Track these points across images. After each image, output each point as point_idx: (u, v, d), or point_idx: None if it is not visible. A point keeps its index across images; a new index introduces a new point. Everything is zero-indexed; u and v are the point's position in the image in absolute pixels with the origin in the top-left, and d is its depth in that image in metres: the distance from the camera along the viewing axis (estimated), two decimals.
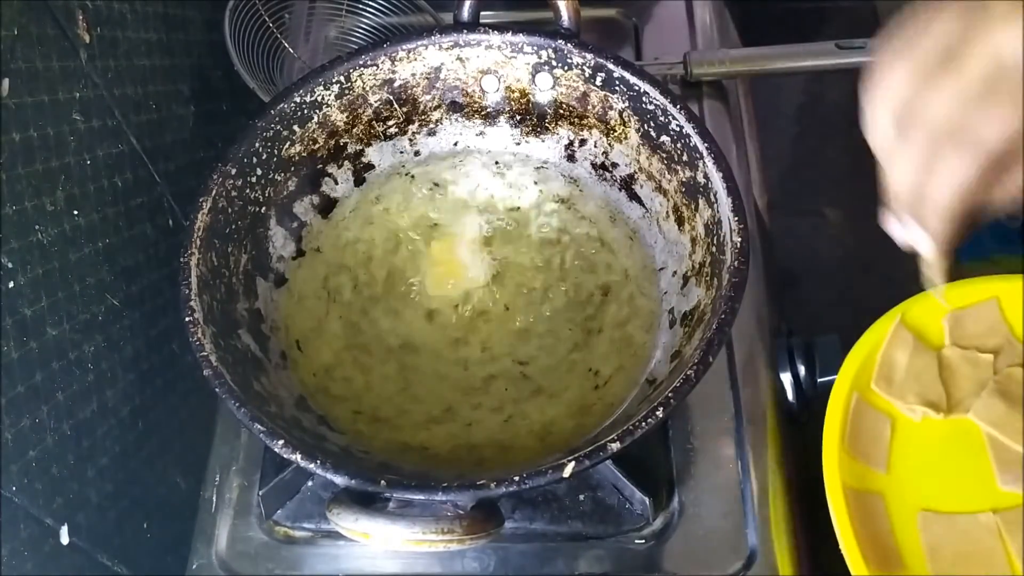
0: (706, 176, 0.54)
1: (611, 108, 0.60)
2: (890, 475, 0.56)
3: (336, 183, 0.64)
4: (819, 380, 0.60)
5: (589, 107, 0.61)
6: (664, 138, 0.57)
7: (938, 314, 0.60)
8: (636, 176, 0.61)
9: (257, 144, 0.57)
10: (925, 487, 0.55)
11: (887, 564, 0.52)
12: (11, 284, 0.47)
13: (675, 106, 0.56)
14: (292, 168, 0.60)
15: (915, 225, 0.41)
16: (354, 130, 0.63)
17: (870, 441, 0.57)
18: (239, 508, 0.58)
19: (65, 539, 0.51)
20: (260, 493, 0.56)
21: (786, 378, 0.61)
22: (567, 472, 0.44)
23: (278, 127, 0.58)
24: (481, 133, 0.65)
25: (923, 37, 0.39)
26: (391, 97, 0.62)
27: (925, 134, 0.38)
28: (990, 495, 0.55)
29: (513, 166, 0.65)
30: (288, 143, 0.59)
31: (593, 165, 0.64)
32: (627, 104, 0.59)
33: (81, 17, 0.54)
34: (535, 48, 0.60)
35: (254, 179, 0.58)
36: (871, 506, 0.54)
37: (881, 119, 0.40)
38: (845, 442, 0.56)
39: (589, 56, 0.58)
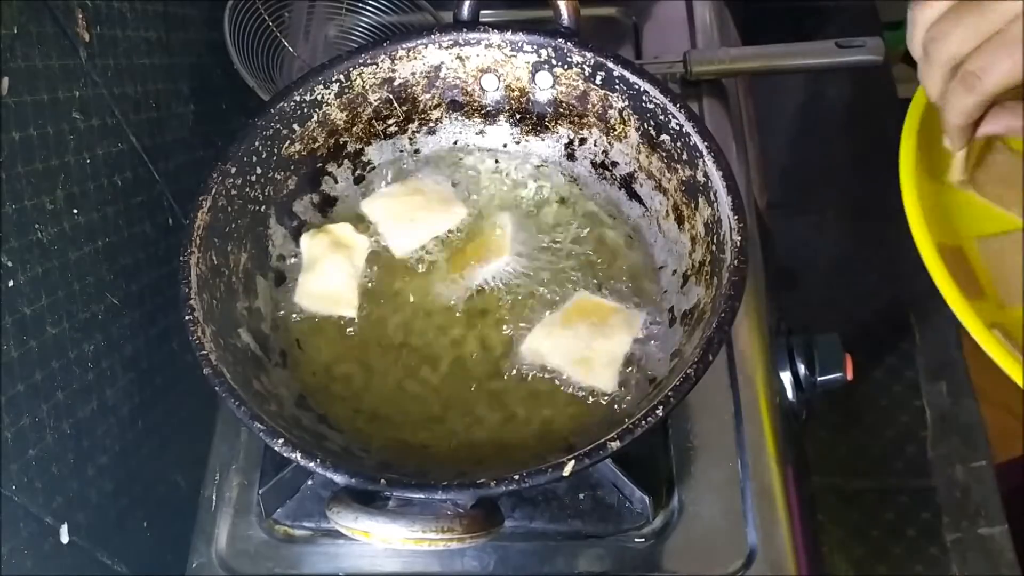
0: (706, 175, 0.54)
1: (611, 107, 0.60)
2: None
3: (336, 182, 0.64)
4: (819, 379, 0.60)
5: (589, 106, 0.61)
6: (664, 137, 0.57)
7: None
8: (636, 175, 0.61)
9: (257, 143, 0.57)
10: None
11: (936, 163, 0.57)
12: (11, 283, 0.47)
13: (675, 105, 0.56)
14: (292, 167, 0.60)
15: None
16: (354, 129, 0.63)
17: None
18: (239, 507, 0.58)
19: (65, 538, 0.51)
20: (260, 492, 0.56)
21: (786, 377, 0.61)
22: (567, 471, 0.44)
23: (278, 126, 0.58)
24: (481, 132, 0.65)
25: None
26: (391, 96, 0.62)
27: (942, 63, 0.46)
28: None
29: (513, 165, 0.65)
30: (288, 142, 0.59)
31: (593, 164, 0.64)
32: (627, 103, 0.59)
33: (81, 16, 0.54)
34: (535, 47, 0.60)
35: (254, 178, 0.58)
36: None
37: (916, 35, 0.48)
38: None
39: (589, 55, 0.58)
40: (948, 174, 0.57)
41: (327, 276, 0.58)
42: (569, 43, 0.59)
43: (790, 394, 0.61)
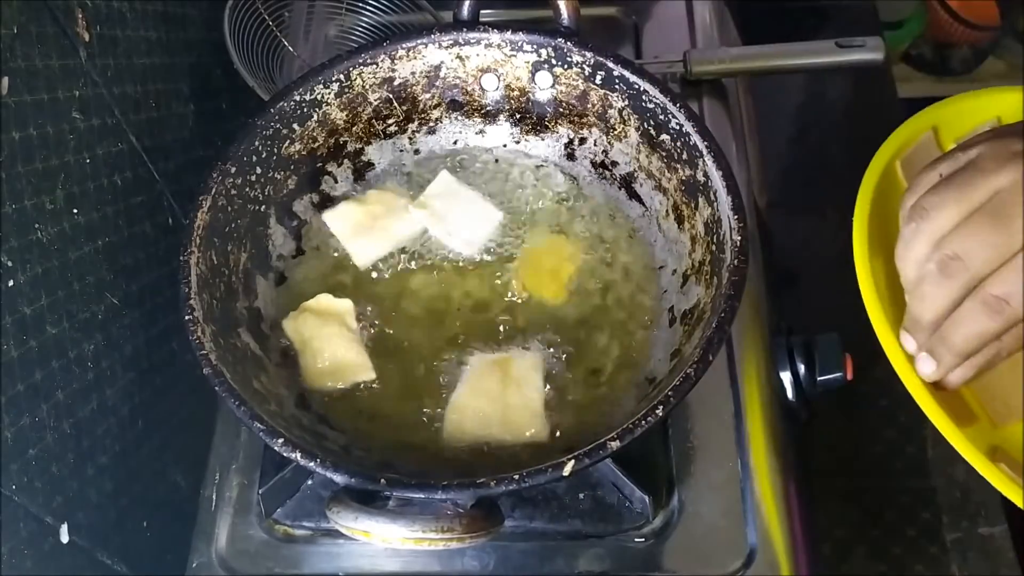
0: (706, 174, 0.54)
1: (611, 107, 0.60)
2: None
3: (336, 181, 0.64)
4: (819, 379, 0.60)
5: (589, 105, 0.61)
6: (664, 136, 0.57)
7: None
8: (636, 174, 0.61)
9: (257, 142, 0.57)
10: None
11: (894, 277, 0.52)
12: (11, 283, 0.47)
13: (675, 104, 0.56)
14: (292, 166, 0.60)
15: (926, 351, 0.44)
16: (354, 128, 0.63)
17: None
18: (239, 506, 0.58)
19: (65, 537, 0.51)
20: (260, 491, 0.56)
21: (786, 377, 0.61)
22: (567, 470, 0.44)
23: (278, 125, 0.58)
24: (481, 132, 0.65)
25: (976, 183, 0.41)
26: (391, 95, 0.62)
27: (964, 282, 0.41)
28: None
29: (513, 164, 0.65)
30: (288, 141, 0.59)
31: (593, 164, 0.64)
32: (627, 102, 0.59)
33: (80, 15, 0.54)
34: (535, 46, 0.60)
35: (253, 177, 0.58)
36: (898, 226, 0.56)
37: (920, 249, 0.43)
38: (900, 161, 0.58)
39: (589, 54, 0.58)
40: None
41: (328, 351, 0.56)
42: (569, 43, 0.59)
43: (790, 394, 0.61)
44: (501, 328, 0.58)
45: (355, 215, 0.61)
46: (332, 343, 0.56)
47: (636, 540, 0.54)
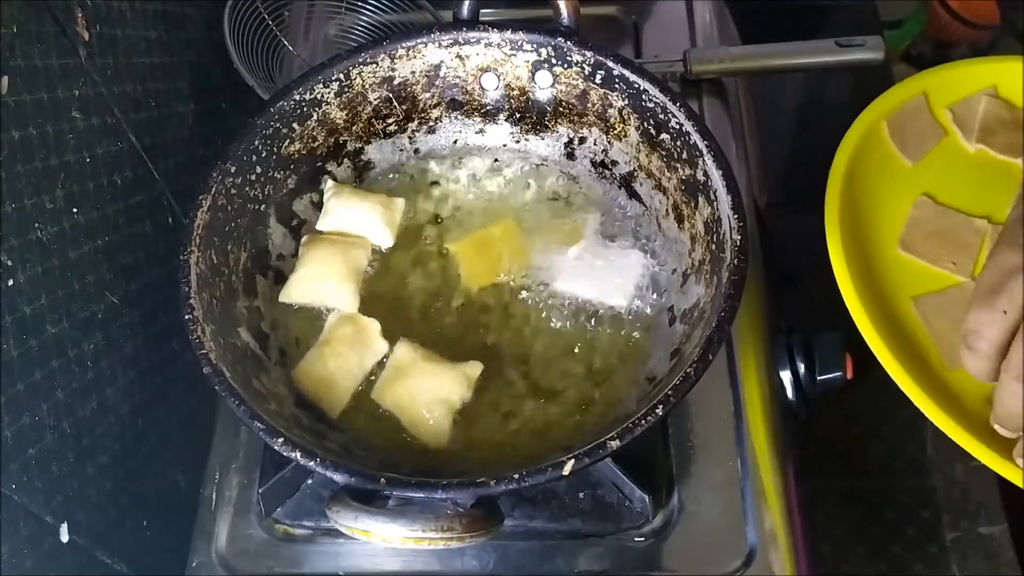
0: (706, 174, 0.54)
1: (611, 106, 0.60)
2: (916, 168, 0.62)
3: (336, 181, 0.64)
4: (819, 378, 0.60)
5: (589, 105, 0.61)
6: (664, 136, 0.57)
7: None
8: (636, 174, 0.61)
9: (256, 142, 0.57)
10: (938, 183, 0.61)
11: (862, 226, 0.58)
12: (11, 282, 0.47)
13: (675, 104, 0.56)
14: (292, 166, 0.60)
15: None
16: (354, 128, 0.63)
17: (914, 137, 0.62)
18: (239, 506, 0.58)
19: (65, 537, 0.51)
20: (260, 491, 0.56)
21: (786, 376, 0.61)
22: (567, 470, 0.44)
23: (277, 125, 0.58)
24: (481, 131, 0.65)
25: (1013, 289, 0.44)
26: (390, 95, 0.62)
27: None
28: (994, 209, 0.60)
29: (512, 164, 0.65)
30: (287, 141, 0.59)
31: (592, 163, 0.64)
32: (627, 102, 0.59)
33: (80, 15, 0.54)
34: (535, 46, 0.60)
35: (253, 177, 0.58)
36: (876, 181, 0.60)
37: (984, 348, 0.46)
38: (887, 121, 0.61)
39: (589, 54, 0.58)
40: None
41: (331, 368, 0.55)
42: (569, 42, 0.59)
43: (790, 393, 0.61)
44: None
45: (308, 277, 0.58)
46: (339, 363, 0.55)
47: (636, 539, 0.54)
